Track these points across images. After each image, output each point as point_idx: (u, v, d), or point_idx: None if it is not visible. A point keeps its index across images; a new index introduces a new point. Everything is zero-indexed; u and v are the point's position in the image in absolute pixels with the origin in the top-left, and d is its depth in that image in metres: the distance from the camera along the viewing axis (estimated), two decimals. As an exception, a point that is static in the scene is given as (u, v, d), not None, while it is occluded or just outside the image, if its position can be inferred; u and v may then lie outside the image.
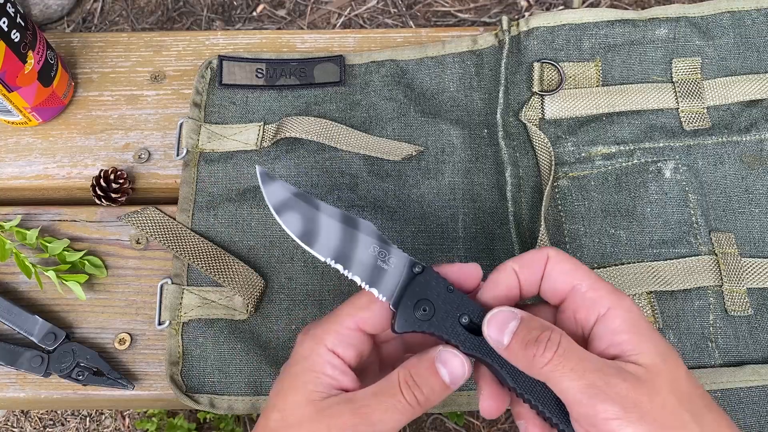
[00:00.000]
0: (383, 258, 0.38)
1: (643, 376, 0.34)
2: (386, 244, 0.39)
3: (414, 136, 0.60)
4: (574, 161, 0.59)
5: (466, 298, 0.38)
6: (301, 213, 0.39)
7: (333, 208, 0.39)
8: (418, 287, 0.37)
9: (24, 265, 0.55)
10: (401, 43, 0.66)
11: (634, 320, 0.36)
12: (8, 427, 1.19)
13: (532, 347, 0.35)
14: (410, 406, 0.36)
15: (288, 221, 0.39)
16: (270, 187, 0.40)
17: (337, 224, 0.39)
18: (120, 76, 0.65)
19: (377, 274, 0.38)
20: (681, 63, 0.61)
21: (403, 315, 0.37)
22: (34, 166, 0.62)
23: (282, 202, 0.39)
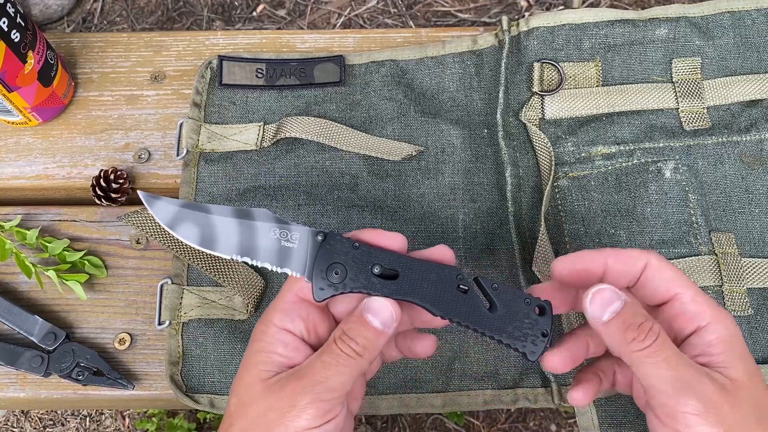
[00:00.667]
0: (285, 237, 0.40)
1: (729, 386, 0.36)
2: (285, 223, 0.40)
3: (414, 136, 0.60)
4: (574, 161, 0.59)
5: (374, 249, 0.39)
6: (194, 221, 0.40)
7: (224, 207, 0.40)
8: (326, 253, 0.39)
9: (24, 265, 0.55)
10: (401, 43, 0.66)
11: (731, 339, 0.38)
12: (8, 427, 1.19)
13: (633, 331, 0.37)
14: (350, 358, 0.37)
15: (183, 233, 0.40)
16: (156, 206, 0.40)
17: (232, 220, 0.40)
18: (120, 76, 0.65)
19: (285, 254, 0.40)
20: (681, 63, 0.61)
21: (318, 283, 0.39)
22: (34, 166, 0.62)
23: (173, 217, 0.40)
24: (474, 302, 0.38)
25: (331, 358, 0.38)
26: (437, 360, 0.53)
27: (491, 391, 0.52)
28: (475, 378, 0.53)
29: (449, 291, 0.39)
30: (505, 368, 0.53)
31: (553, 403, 0.52)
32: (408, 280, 0.39)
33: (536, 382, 0.53)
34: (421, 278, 0.39)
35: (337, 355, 0.38)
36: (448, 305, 0.38)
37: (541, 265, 0.53)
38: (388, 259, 0.39)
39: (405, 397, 0.52)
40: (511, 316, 0.38)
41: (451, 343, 0.53)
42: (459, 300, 0.38)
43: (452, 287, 0.39)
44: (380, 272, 0.39)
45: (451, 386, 0.52)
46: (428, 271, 0.39)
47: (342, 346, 0.38)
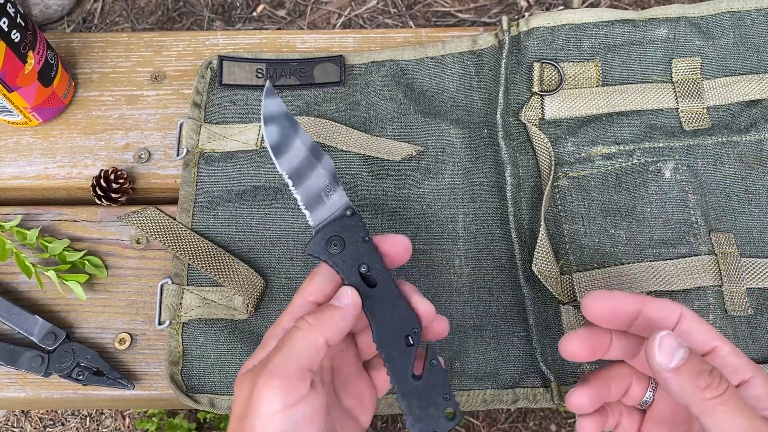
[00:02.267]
0: (327, 192, 0.43)
1: None
2: (335, 183, 0.43)
3: (414, 136, 0.60)
4: (574, 161, 0.59)
5: (376, 253, 0.41)
6: (281, 129, 0.43)
7: (308, 137, 0.43)
8: (341, 225, 0.41)
9: (24, 265, 0.55)
10: (401, 43, 0.66)
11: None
12: (8, 427, 1.19)
13: (706, 378, 0.37)
14: (299, 329, 0.38)
15: (268, 132, 0.43)
16: (268, 100, 0.43)
17: (305, 149, 0.43)
18: (120, 76, 0.65)
19: (316, 202, 0.42)
20: (681, 63, 0.61)
21: (317, 240, 0.41)
22: (35, 166, 0.62)
23: (271, 115, 0.43)
24: (407, 358, 0.40)
25: (285, 335, 0.38)
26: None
27: (491, 390, 0.52)
28: (475, 378, 0.53)
29: (398, 333, 0.40)
30: (505, 368, 0.53)
31: (553, 403, 0.52)
32: (377, 298, 0.40)
33: (536, 381, 0.53)
34: (388, 304, 0.40)
35: (290, 331, 0.38)
36: (387, 341, 0.40)
37: (541, 265, 0.53)
38: (378, 270, 0.41)
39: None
40: (424, 396, 0.39)
41: (451, 343, 0.53)
42: (398, 346, 0.40)
43: (402, 333, 0.40)
44: (365, 272, 0.41)
45: (451, 386, 0.52)
46: (397, 304, 0.40)
47: (297, 323, 0.39)
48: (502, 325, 0.54)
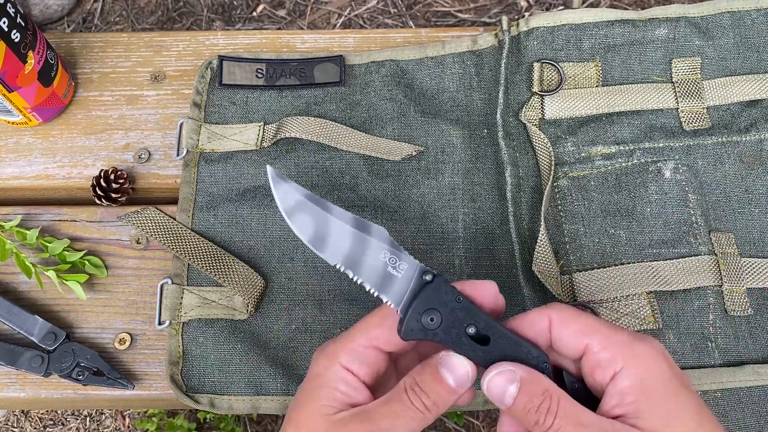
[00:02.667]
0: (394, 264, 0.38)
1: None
2: (398, 250, 0.38)
3: (414, 136, 0.61)
4: (574, 161, 0.59)
5: (474, 308, 0.37)
6: (313, 216, 0.38)
7: (345, 212, 0.39)
8: (428, 295, 0.37)
9: (24, 265, 0.55)
10: (401, 43, 0.66)
11: (644, 380, 0.36)
12: (8, 427, 1.19)
13: (534, 414, 0.36)
14: (419, 412, 0.36)
15: (299, 225, 0.38)
16: (281, 188, 0.39)
17: (349, 228, 0.38)
18: (120, 76, 0.65)
19: (387, 280, 0.38)
20: (681, 63, 0.61)
21: (410, 322, 0.37)
22: (35, 166, 0.62)
23: (293, 206, 0.38)
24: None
25: (400, 408, 0.36)
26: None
27: (491, 391, 0.52)
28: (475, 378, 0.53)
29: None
30: (505, 368, 0.53)
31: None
32: (498, 349, 0.37)
33: (536, 382, 0.53)
34: (511, 351, 0.37)
35: (407, 407, 0.36)
36: None
37: (541, 266, 0.53)
38: (486, 323, 0.37)
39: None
40: None
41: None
42: None
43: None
44: (474, 333, 0.37)
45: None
46: (518, 346, 0.38)
47: (412, 398, 0.36)
48: None
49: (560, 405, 0.36)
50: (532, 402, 0.36)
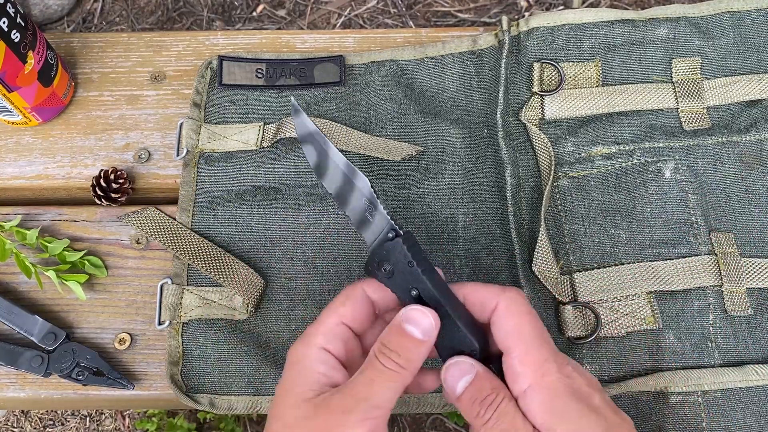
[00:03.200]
0: (370, 212, 0.42)
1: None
2: (374, 202, 0.42)
3: (414, 136, 0.60)
4: (574, 161, 0.59)
5: (422, 278, 0.39)
6: (316, 150, 0.44)
7: (341, 157, 0.43)
8: (385, 250, 0.40)
9: (24, 265, 0.55)
10: (401, 43, 0.66)
11: (549, 401, 0.37)
12: (8, 427, 1.19)
13: (477, 405, 0.37)
14: (394, 372, 0.37)
15: (307, 153, 0.44)
16: (297, 118, 0.45)
17: (341, 170, 0.43)
18: (120, 76, 0.65)
19: (364, 223, 0.42)
20: (681, 63, 0.61)
21: (370, 264, 0.40)
22: (34, 166, 0.62)
23: (304, 136, 0.44)
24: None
25: (374, 374, 0.37)
26: (437, 360, 0.53)
27: (491, 391, 0.52)
28: (475, 378, 0.53)
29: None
30: (505, 368, 0.53)
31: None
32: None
33: (536, 382, 0.53)
34: (447, 334, 0.39)
35: (381, 371, 0.37)
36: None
37: (541, 266, 0.53)
38: (429, 294, 0.39)
39: (405, 397, 0.52)
40: None
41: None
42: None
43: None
44: (415, 296, 0.39)
45: None
46: (455, 331, 0.39)
47: (384, 360, 0.37)
48: None
49: (502, 404, 0.37)
50: (479, 393, 0.37)
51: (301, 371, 0.39)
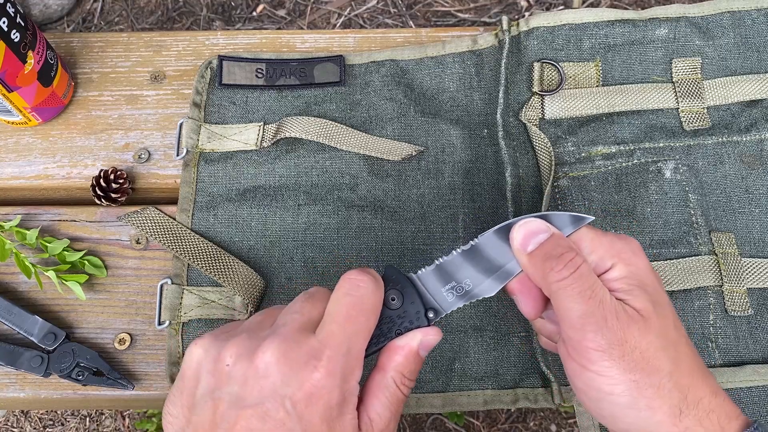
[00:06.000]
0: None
1: (636, 318, 0.36)
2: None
3: (414, 136, 0.60)
4: (574, 161, 0.59)
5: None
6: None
7: None
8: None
9: (24, 265, 0.55)
10: (401, 43, 0.66)
11: (632, 272, 0.38)
12: (8, 427, 1.19)
13: (552, 261, 0.38)
14: (406, 398, 0.38)
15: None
16: None
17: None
18: (120, 76, 0.65)
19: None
20: (681, 63, 0.61)
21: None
22: (34, 166, 0.62)
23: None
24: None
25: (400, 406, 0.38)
26: (437, 360, 0.53)
27: (491, 391, 0.52)
28: (475, 378, 0.53)
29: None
30: (505, 368, 0.53)
31: (554, 404, 0.52)
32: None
33: (536, 382, 0.53)
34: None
35: (401, 399, 0.38)
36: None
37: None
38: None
39: (405, 397, 0.52)
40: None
41: (451, 343, 0.53)
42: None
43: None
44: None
45: (451, 386, 0.53)
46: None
47: (405, 391, 0.38)
48: (503, 325, 0.54)
49: (582, 265, 0.37)
50: (555, 250, 0.38)
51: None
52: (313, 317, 0.38)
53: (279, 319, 0.38)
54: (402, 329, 0.39)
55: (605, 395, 0.36)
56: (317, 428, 0.34)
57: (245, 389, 0.34)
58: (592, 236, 0.39)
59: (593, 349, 0.36)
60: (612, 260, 0.38)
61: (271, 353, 0.35)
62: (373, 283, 0.38)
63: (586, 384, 0.37)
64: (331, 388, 0.35)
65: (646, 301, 0.37)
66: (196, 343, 0.38)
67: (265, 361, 0.35)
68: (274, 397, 0.34)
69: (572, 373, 0.38)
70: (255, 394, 0.34)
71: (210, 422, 0.34)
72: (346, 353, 0.36)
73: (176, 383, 0.38)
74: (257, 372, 0.35)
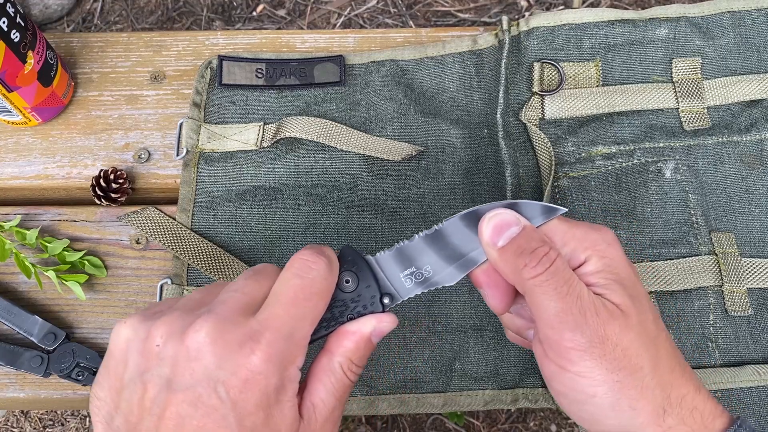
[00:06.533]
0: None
1: (615, 313, 0.35)
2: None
3: (414, 136, 0.60)
4: (574, 161, 0.59)
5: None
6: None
7: None
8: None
9: (24, 265, 0.55)
10: (401, 43, 0.66)
11: (609, 265, 0.36)
12: (8, 427, 1.19)
13: (526, 257, 0.35)
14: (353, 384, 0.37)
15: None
16: None
17: None
18: (120, 76, 0.65)
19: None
20: (681, 63, 0.61)
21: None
22: (34, 166, 0.62)
23: None
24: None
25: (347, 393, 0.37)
26: (437, 360, 0.53)
27: (491, 391, 0.52)
28: (475, 378, 0.53)
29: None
30: (505, 368, 0.53)
31: (554, 404, 0.52)
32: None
33: (536, 382, 0.53)
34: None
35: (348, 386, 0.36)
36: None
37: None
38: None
39: (405, 397, 0.52)
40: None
41: (451, 344, 0.53)
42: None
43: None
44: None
45: (451, 386, 0.52)
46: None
47: (352, 378, 0.37)
48: (502, 326, 0.54)
49: (557, 259, 0.35)
50: (528, 244, 0.36)
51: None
52: (257, 297, 0.35)
53: (218, 296, 0.35)
54: (355, 314, 0.37)
55: (587, 397, 0.35)
56: (253, 415, 0.32)
57: (176, 372, 0.32)
58: (564, 228, 0.38)
59: (573, 349, 0.34)
60: (586, 253, 0.37)
61: (205, 333, 0.32)
62: (325, 266, 0.36)
63: (566, 386, 0.35)
64: (268, 374, 0.32)
65: (624, 295, 0.36)
66: (125, 321, 0.35)
67: (198, 341, 0.32)
68: (206, 381, 0.32)
69: (550, 374, 0.36)
70: (186, 378, 0.32)
71: (139, 406, 0.32)
72: (287, 337, 0.33)
73: (103, 365, 0.35)
74: (188, 353, 0.32)
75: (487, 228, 0.37)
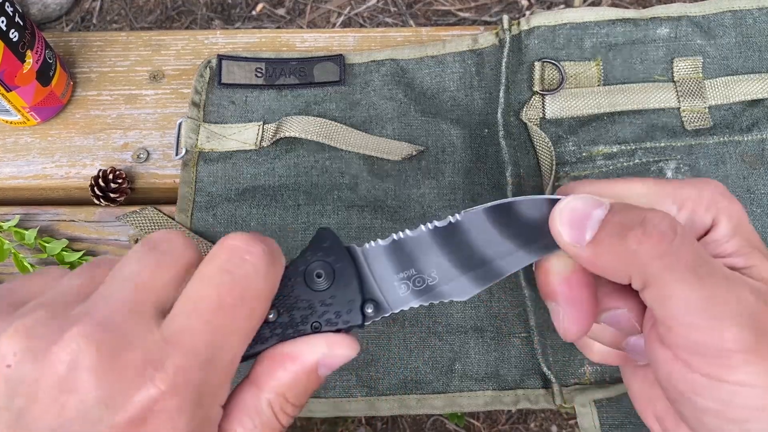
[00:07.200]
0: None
1: (764, 291, 0.25)
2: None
3: (414, 135, 0.60)
4: (575, 161, 0.59)
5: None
6: None
7: None
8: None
9: (22, 266, 0.54)
10: (401, 42, 0.66)
11: (738, 225, 0.27)
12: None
13: (637, 232, 0.25)
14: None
15: None
16: None
17: None
18: (119, 75, 0.65)
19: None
20: (682, 62, 0.61)
21: None
22: (33, 165, 0.62)
23: None
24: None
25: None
26: (438, 361, 0.53)
27: (492, 392, 0.52)
28: (476, 379, 0.52)
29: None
30: (505, 369, 0.53)
31: (554, 405, 0.52)
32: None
33: (537, 383, 0.52)
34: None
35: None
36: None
37: (542, 266, 0.52)
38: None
39: (405, 398, 0.52)
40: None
41: (451, 344, 0.53)
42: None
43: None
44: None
45: (452, 387, 0.52)
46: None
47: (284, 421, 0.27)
48: (503, 326, 0.54)
49: (678, 226, 0.25)
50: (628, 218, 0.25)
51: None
52: (168, 290, 0.25)
53: (105, 285, 0.24)
54: (322, 321, 0.28)
55: (753, 413, 0.24)
56: None
57: (35, 407, 0.21)
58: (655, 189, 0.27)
59: (736, 351, 0.24)
60: (710, 213, 0.27)
61: (85, 351, 0.21)
62: (265, 258, 0.26)
63: (721, 401, 0.24)
64: (174, 414, 0.22)
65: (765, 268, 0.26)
66: None
67: (73, 362, 0.21)
68: (81, 422, 0.21)
69: (689, 389, 0.25)
70: (50, 418, 0.21)
71: None
72: (205, 362, 0.24)
73: None
74: (58, 381, 0.21)
75: (563, 228, 0.27)
